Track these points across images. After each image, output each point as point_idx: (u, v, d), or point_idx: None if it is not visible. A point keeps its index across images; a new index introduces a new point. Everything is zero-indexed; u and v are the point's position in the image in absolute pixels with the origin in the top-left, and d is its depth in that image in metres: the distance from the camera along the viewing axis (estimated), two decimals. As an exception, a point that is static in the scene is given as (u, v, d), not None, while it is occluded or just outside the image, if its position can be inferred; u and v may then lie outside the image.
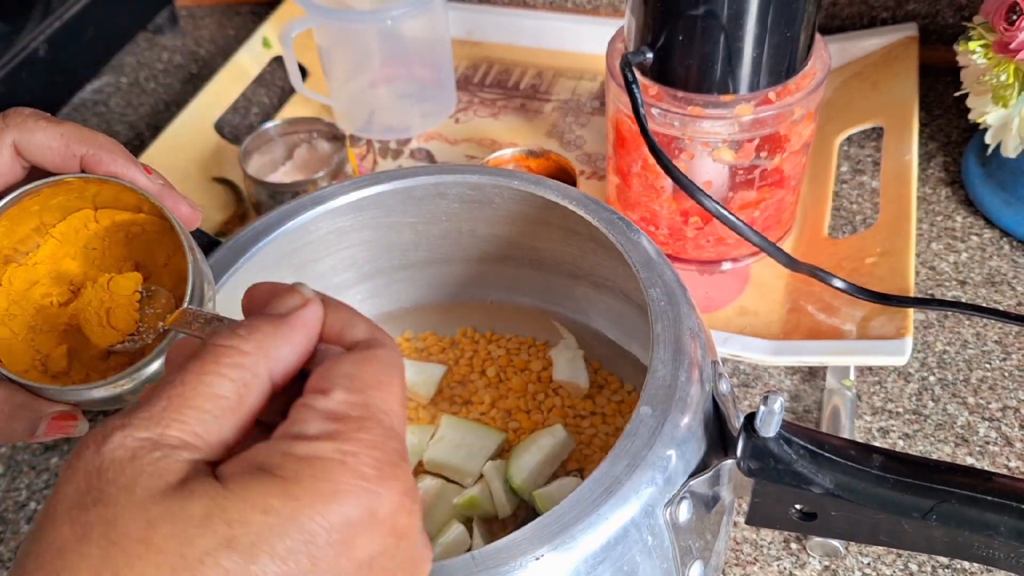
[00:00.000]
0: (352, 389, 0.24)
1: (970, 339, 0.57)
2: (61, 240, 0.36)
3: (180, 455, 0.22)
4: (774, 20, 0.48)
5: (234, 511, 0.21)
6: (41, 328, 0.35)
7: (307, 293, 0.26)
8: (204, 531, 0.21)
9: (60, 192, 0.34)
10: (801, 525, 0.37)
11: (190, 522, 0.21)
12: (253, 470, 0.22)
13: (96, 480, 0.22)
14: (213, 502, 0.21)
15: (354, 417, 0.23)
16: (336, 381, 0.24)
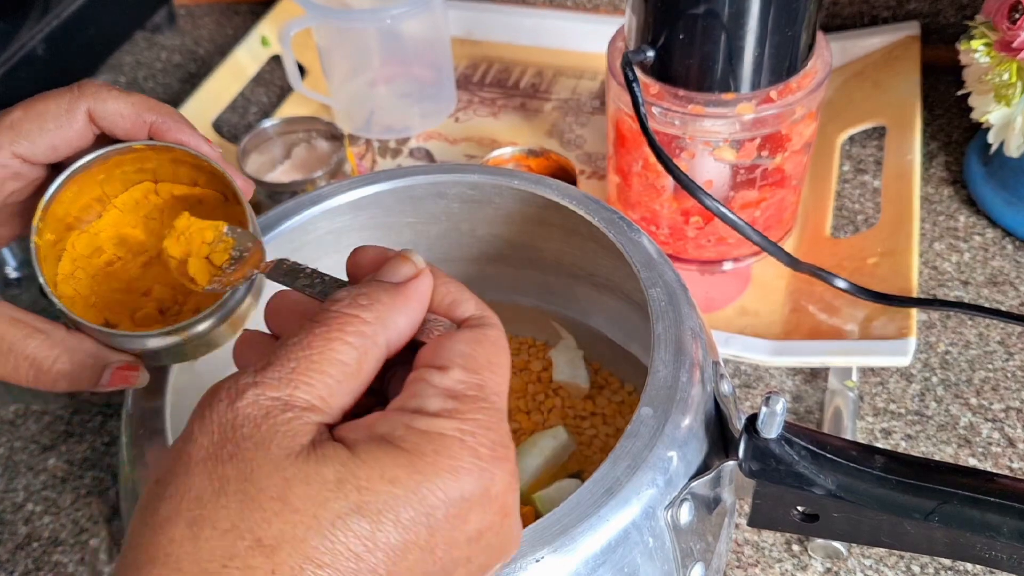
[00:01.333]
0: (468, 369, 0.25)
1: (973, 340, 0.56)
2: (122, 210, 0.37)
3: (308, 417, 0.23)
4: (775, 18, 0.48)
5: (364, 478, 0.22)
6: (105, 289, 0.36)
7: (419, 262, 0.27)
8: (336, 495, 0.22)
9: (125, 162, 0.35)
10: (803, 527, 0.36)
11: (324, 485, 0.22)
12: (378, 440, 0.23)
13: (231, 434, 0.22)
14: (345, 468, 0.22)
15: (471, 397, 0.24)
16: (453, 359, 0.25)
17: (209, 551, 0.21)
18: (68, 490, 0.54)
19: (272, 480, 0.22)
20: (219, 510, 0.21)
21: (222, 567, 0.21)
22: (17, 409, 0.58)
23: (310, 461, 0.22)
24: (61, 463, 0.55)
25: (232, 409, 0.23)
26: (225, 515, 0.21)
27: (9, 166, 0.34)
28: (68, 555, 0.51)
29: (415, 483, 0.22)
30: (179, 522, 0.21)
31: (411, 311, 0.26)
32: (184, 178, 0.37)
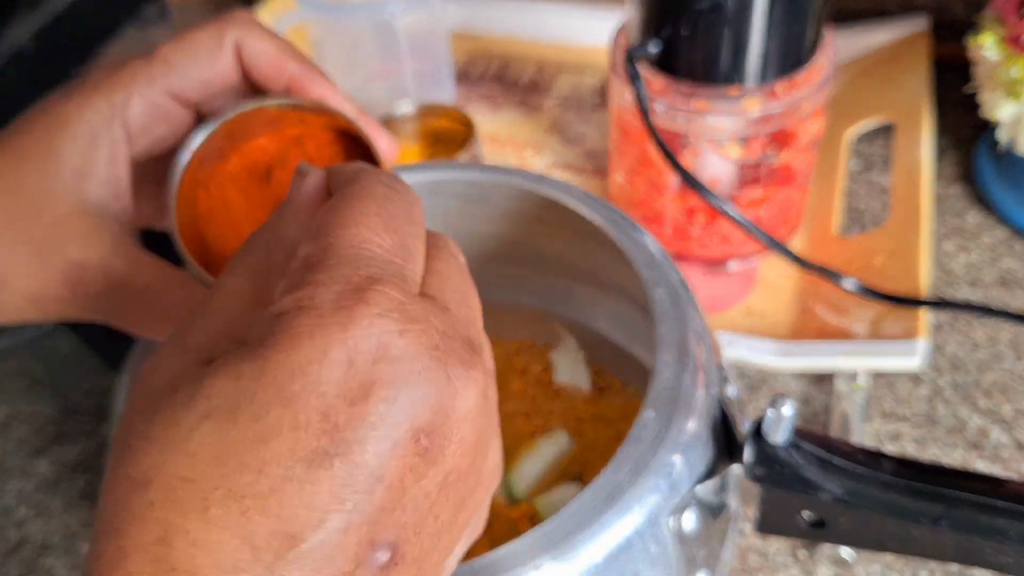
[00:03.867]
0: (316, 235, 0.23)
1: (982, 341, 0.55)
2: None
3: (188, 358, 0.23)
4: (782, 11, 0.47)
5: (210, 386, 0.21)
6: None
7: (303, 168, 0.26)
8: (186, 412, 0.21)
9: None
10: (810, 532, 0.36)
11: (175, 409, 0.21)
12: (230, 347, 0.22)
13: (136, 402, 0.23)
14: (193, 385, 0.21)
15: (314, 264, 0.22)
16: (299, 236, 0.24)
17: (107, 510, 0.21)
18: (60, 494, 0.53)
19: (137, 424, 0.21)
20: (109, 471, 0.22)
21: (112, 515, 0.21)
22: (7, 412, 0.58)
23: (165, 394, 0.22)
24: (53, 467, 0.54)
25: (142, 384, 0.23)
26: (111, 472, 0.21)
27: (161, 104, 0.33)
28: (59, 560, 0.50)
29: (258, 370, 0.20)
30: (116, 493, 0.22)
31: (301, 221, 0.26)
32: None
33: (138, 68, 0.33)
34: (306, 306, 0.21)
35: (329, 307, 0.21)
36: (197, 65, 0.33)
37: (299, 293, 0.21)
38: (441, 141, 0.65)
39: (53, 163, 0.32)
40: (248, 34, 0.34)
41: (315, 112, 0.34)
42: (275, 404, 0.20)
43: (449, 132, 0.65)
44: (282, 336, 0.21)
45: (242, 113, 0.33)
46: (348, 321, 0.21)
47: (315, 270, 0.22)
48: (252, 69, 0.34)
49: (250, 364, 0.21)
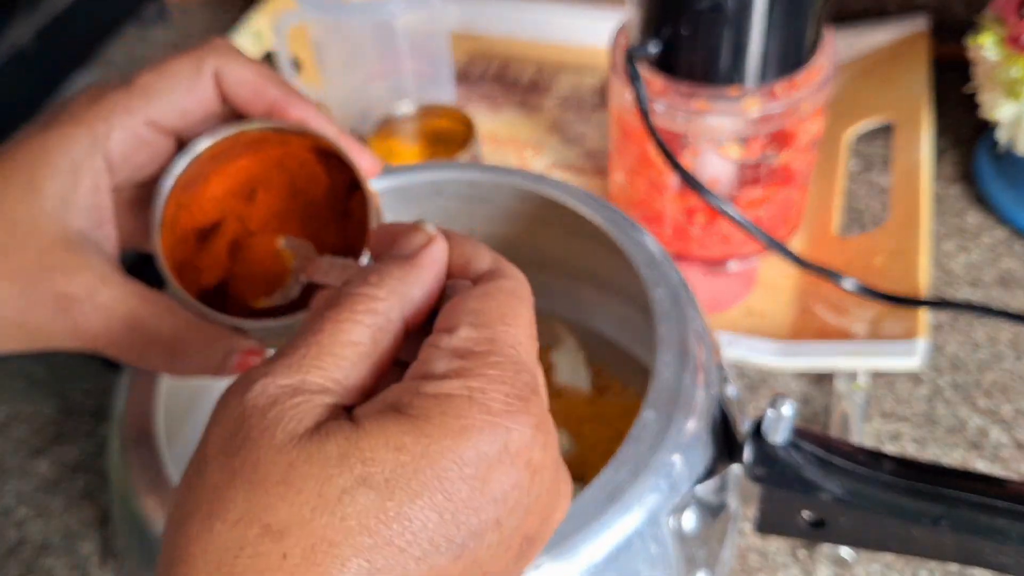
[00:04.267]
0: (477, 324, 0.24)
1: (982, 341, 0.55)
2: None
3: (319, 400, 0.23)
4: (782, 11, 0.47)
5: (368, 449, 0.21)
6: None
7: (430, 230, 0.27)
8: (340, 470, 0.21)
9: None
10: (810, 532, 0.36)
11: (327, 462, 0.21)
12: (385, 410, 0.22)
13: (240, 426, 0.22)
14: (348, 442, 0.22)
15: (480, 352, 0.23)
16: (462, 318, 0.24)
17: (222, 543, 0.21)
18: (59, 494, 0.53)
19: (276, 465, 0.21)
20: (228, 501, 0.21)
21: (234, 557, 0.21)
22: (7, 412, 0.58)
23: (314, 441, 0.22)
24: (52, 467, 0.54)
25: (242, 402, 0.23)
26: (234, 506, 0.21)
27: (141, 134, 0.33)
28: (59, 560, 0.50)
29: (422, 447, 0.21)
30: (196, 518, 0.21)
31: (425, 281, 0.26)
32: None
33: (118, 98, 0.33)
34: (478, 399, 0.22)
35: (499, 406, 0.22)
36: (176, 94, 0.33)
37: (470, 382, 0.23)
38: (441, 141, 0.65)
39: (36, 195, 0.32)
40: (227, 61, 0.34)
41: (297, 134, 0.34)
42: (434, 489, 0.21)
43: (449, 132, 0.65)
44: (451, 421, 0.22)
45: (224, 138, 0.34)
46: (514, 425, 0.22)
47: (484, 362, 0.23)
48: (233, 96, 0.34)
49: (413, 439, 0.21)
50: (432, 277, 0.26)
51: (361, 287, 0.25)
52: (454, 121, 0.65)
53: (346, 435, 0.22)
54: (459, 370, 0.23)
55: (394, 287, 0.25)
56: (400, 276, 0.25)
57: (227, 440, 0.22)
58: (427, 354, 0.24)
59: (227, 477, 0.22)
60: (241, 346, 0.34)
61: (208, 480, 0.22)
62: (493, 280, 0.26)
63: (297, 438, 0.22)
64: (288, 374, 0.23)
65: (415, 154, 0.65)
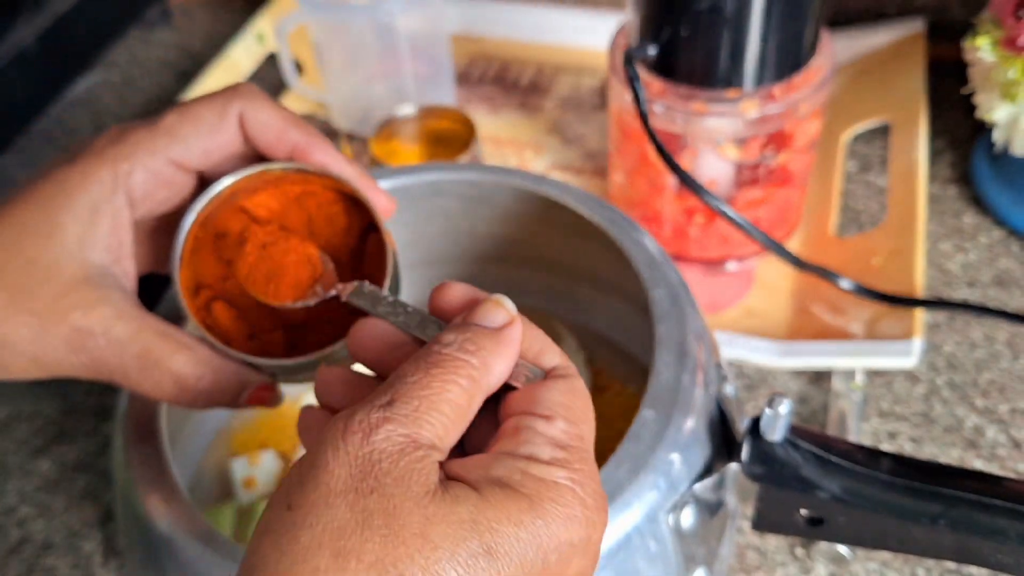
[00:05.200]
0: (571, 420, 0.26)
1: (979, 341, 0.56)
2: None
3: (433, 456, 0.24)
4: (780, 14, 0.47)
5: (493, 519, 0.23)
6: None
7: (511, 308, 0.28)
8: (472, 534, 0.23)
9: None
10: (807, 530, 0.36)
11: (461, 525, 0.23)
12: (498, 483, 0.24)
13: (371, 468, 0.23)
14: (476, 509, 0.23)
15: (575, 448, 0.26)
16: (556, 410, 0.26)
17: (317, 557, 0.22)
18: (61, 493, 0.53)
19: (413, 517, 0.23)
20: (364, 543, 0.22)
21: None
22: (9, 412, 0.58)
23: (446, 500, 0.23)
24: (54, 466, 0.54)
25: (368, 443, 0.24)
26: (370, 548, 0.22)
27: (163, 172, 0.34)
28: (61, 559, 0.50)
29: (536, 528, 0.24)
30: (323, 552, 0.22)
31: (508, 357, 0.27)
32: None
33: (141, 138, 0.34)
34: (579, 493, 0.25)
35: (591, 502, 0.25)
36: (200, 136, 0.34)
37: (573, 475, 0.25)
38: (442, 142, 0.65)
39: (57, 233, 0.33)
40: (252, 105, 0.34)
41: (317, 175, 0.35)
42: (536, 563, 0.24)
43: (450, 133, 0.65)
44: (560, 509, 0.24)
45: (244, 177, 0.34)
46: (598, 520, 0.25)
47: (579, 458, 0.26)
48: (256, 138, 0.35)
49: (530, 518, 0.24)
50: (513, 355, 0.27)
51: (461, 352, 0.26)
52: (455, 122, 0.65)
53: (474, 502, 0.24)
54: (562, 460, 0.25)
55: (486, 359, 0.27)
56: (491, 348, 0.27)
57: (356, 479, 0.23)
58: (527, 436, 0.26)
59: (360, 518, 0.23)
60: (254, 381, 0.34)
61: (337, 515, 0.23)
62: (568, 378, 0.28)
63: (431, 493, 0.23)
64: (407, 424, 0.24)
65: (416, 155, 0.65)
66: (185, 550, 0.33)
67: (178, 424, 0.46)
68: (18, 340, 0.32)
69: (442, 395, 0.25)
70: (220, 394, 0.34)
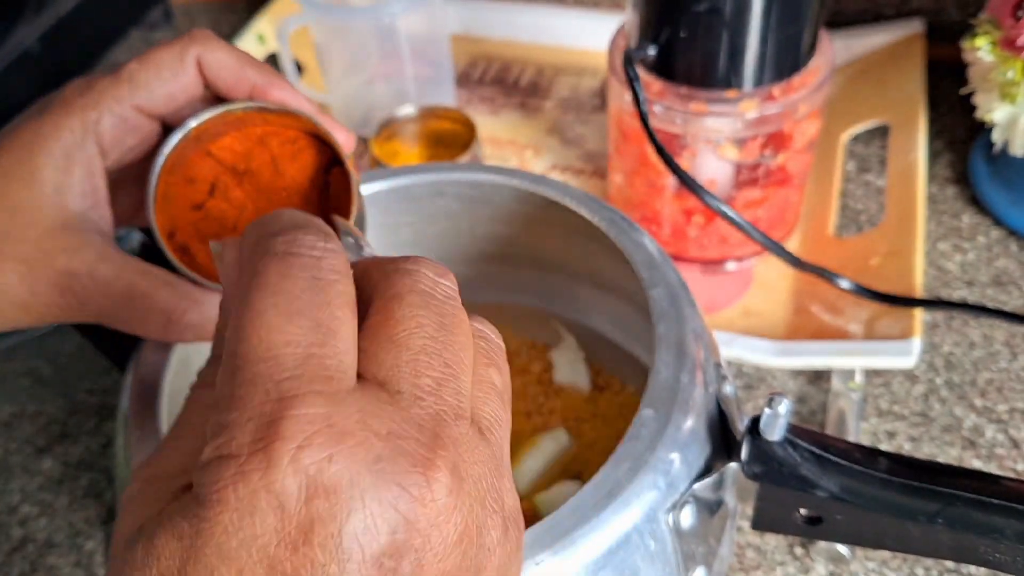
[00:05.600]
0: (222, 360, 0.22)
1: (977, 340, 0.56)
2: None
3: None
4: (778, 15, 0.47)
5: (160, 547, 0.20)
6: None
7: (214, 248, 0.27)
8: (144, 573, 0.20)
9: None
10: (806, 529, 0.36)
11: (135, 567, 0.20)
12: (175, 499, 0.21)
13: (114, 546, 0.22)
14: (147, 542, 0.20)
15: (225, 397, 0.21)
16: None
17: None
18: (64, 492, 0.53)
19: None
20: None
21: None
22: (12, 411, 0.58)
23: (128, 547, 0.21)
24: (57, 465, 0.55)
25: None
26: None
27: (129, 119, 0.35)
28: (63, 558, 0.50)
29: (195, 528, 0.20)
30: None
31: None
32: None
33: (106, 86, 0.35)
34: (225, 455, 0.19)
35: (247, 451, 0.19)
36: (161, 81, 0.35)
37: (218, 440, 0.19)
38: (442, 143, 0.65)
39: (34, 182, 0.34)
40: (208, 48, 0.36)
41: (277, 114, 0.36)
42: (219, 564, 0.19)
43: (450, 134, 0.65)
44: (210, 490, 0.19)
45: (209, 118, 0.36)
46: (267, 464, 0.19)
47: (228, 406, 0.20)
48: (215, 80, 0.36)
49: (188, 522, 0.19)
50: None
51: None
52: (455, 123, 0.65)
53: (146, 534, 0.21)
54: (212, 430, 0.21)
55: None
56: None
57: None
58: None
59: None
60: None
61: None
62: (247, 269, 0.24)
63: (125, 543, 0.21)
64: None
65: (417, 156, 0.65)
66: (187, 548, 0.33)
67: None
68: (7, 286, 0.33)
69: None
70: (205, 328, 0.35)
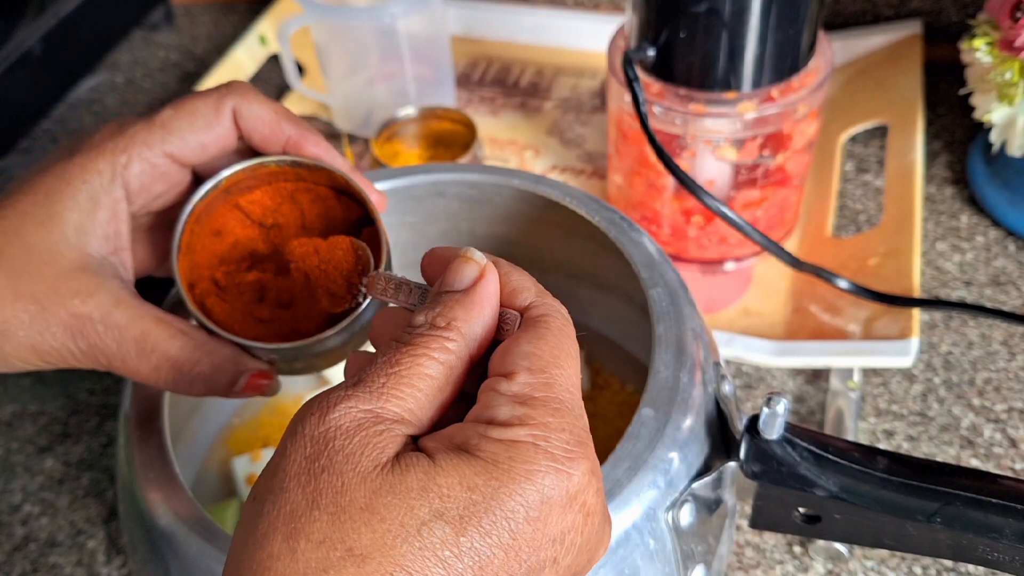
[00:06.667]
0: (533, 370, 0.25)
1: (975, 340, 0.56)
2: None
3: (397, 429, 0.24)
4: (777, 17, 0.47)
5: (444, 485, 0.23)
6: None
7: (479, 259, 0.28)
8: (420, 502, 0.22)
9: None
10: (805, 528, 0.36)
11: (408, 494, 0.22)
12: (456, 449, 0.24)
13: (323, 447, 0.23)
14: (426, 475, 0.23)
15: (539, 399, 0.25)
16: (518, 363, 0.25)
17: (305, 563, 0.22)
18: (65, 491, 0.53)
19: (361, 491, 0.22)
20: (312, 523, 0.22)
21: (305, 567, 0.21)
22: (14, 410, 0.58)
23: (395, 471, 0.23)
24: (58, 464, 0.55)
25: (324, 422, 0.24)
26: (318, 527, 0.22)
27: (159, 165, 0.35)
28: (65, 557, 0.51)
29: (492, 489, 0.23)
30: (276, 537, 0.22)
31: (485, 318, 0.27)
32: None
33: (138, 131, 0.34)
34: (543, 447, 0.24)
35: (561, 453, 0.24)
36: (195, 130, 0.35)
37: (534, 430, 0.24)
38: (442, 143, 0.65)
39: (56, 222, 0.33)
40: (245, 100, 0.35)
41: (311, 169, 0.36)
42: (502, 528, 0.23)
43: (450, 134, 0.65)
44: (518, 466, 0.23)
45: (241, 170, 0.35)
46: (574, 472, 0.24)
47: (545, 409, 0.24)
48: (251, 132, 0.36)
49: (484, 480, 0.23)
50: (491, 313, 0.27)
51: (432, 330, 0.26)
52: (456, 123, 0.65)
53: (424, 469, 0.23)
54: (523, 417, 0.24)
55: (460, 329, 0.26)
56: (464, 317, 0.26)
57: (308, 461, 0.23)
58: (488, 399, 0.25)
59: (310, 498, 0.22)
60: (251, 367, 0.35)
61: (289, 499, 0.22)
62: (542, 318, 0.27)
63: (380, 467, 0.23)
64: (369, 400, 0.24)
65: (417, 156, 0.65)
66: (188, 547, 0.34)
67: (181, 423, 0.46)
68: (18, 326, 0.33)
69: (413, 370, 0.25)
70: (217, 379, 0.34)
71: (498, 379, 0.25)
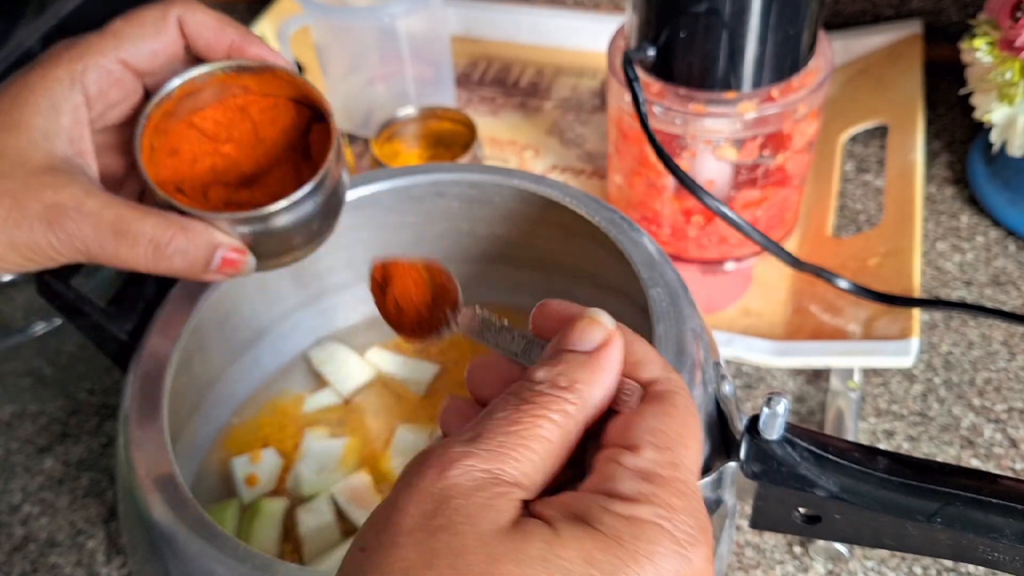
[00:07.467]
0: (660, 447, 0.25)
1: (975, 340, 0.56)
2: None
3: (515, 493, 0.24)
4: (777, 16, 0.47)
5: (565, 558, 0.22)
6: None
7: (608, 324, 0.27)
8: (540, 572, 0.22)
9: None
10: (805, 528, 0.36)
11: (530, 563, 0.22)
12: (576, 520, 0.23)
13: (442, 506, 0.23)
14: (548, 546, 0.22)
15: (665, 478, 0.24)
16: (643, 437, 0.25)
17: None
18: (65, 492, 0.53)
19: (479, 555, 0.22)
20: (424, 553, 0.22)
21: None
22: (14, 410, 0.58)
23: (515, 538, 0.22)
24: (58, 464, 0.55)
25: (443, 478, 0.23)
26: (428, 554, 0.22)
27: (113, 72, 0.37)
28: (65, 557, 0.51)
29: (613, 566, 0.22)
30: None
31: (607, 385, 0.26)
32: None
33: (92, 41, 0.37)
34: (667, 528, 0.23)
35: (685, 538, 0.23)
36: (144, 38, 0.37)
37: (659, 510, 0.23)
38: (442, 143, 0.65)
39: (23, 129, 0.35)
40: (189, 9, 0.38)
41: (258, 72, 0.38)
42: None
43: (450, 134, 0.65)
44: (642, 546, 0.23)
45: (190, 79, 0.37)
46: (695, 558, 0.23)
47: (670, 490, 0.24)
48: (196, 39, 0.38)
49: (605, 556, 0.22)
50: (614, 381, 0.26)
51: (553, 388, 0.25)
52: (456, 123, 0.65)
53: (545, 539, 0.22)
54: (648, 495, 0.24)
55: (582, 392, 0.25)
56: (587, 380, 0.26)
57: (426, 517, 0.23)
58: (610, 470, 0.24)
59: (426, 557, 0.22)
60: (224, 243, 0.36)
61: (403, 555, 0.22)
62: (667, 394, 0.26)
63: (500, 531, 0.22)
64: (488, 459, 0.24)
65: (417, 156, 0.65)
66: (188, 547, 0.34)
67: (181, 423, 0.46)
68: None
69: (532, 431, 0.24)
70: (194, 253, 0.36)
71: (621, 451, 0.25)
